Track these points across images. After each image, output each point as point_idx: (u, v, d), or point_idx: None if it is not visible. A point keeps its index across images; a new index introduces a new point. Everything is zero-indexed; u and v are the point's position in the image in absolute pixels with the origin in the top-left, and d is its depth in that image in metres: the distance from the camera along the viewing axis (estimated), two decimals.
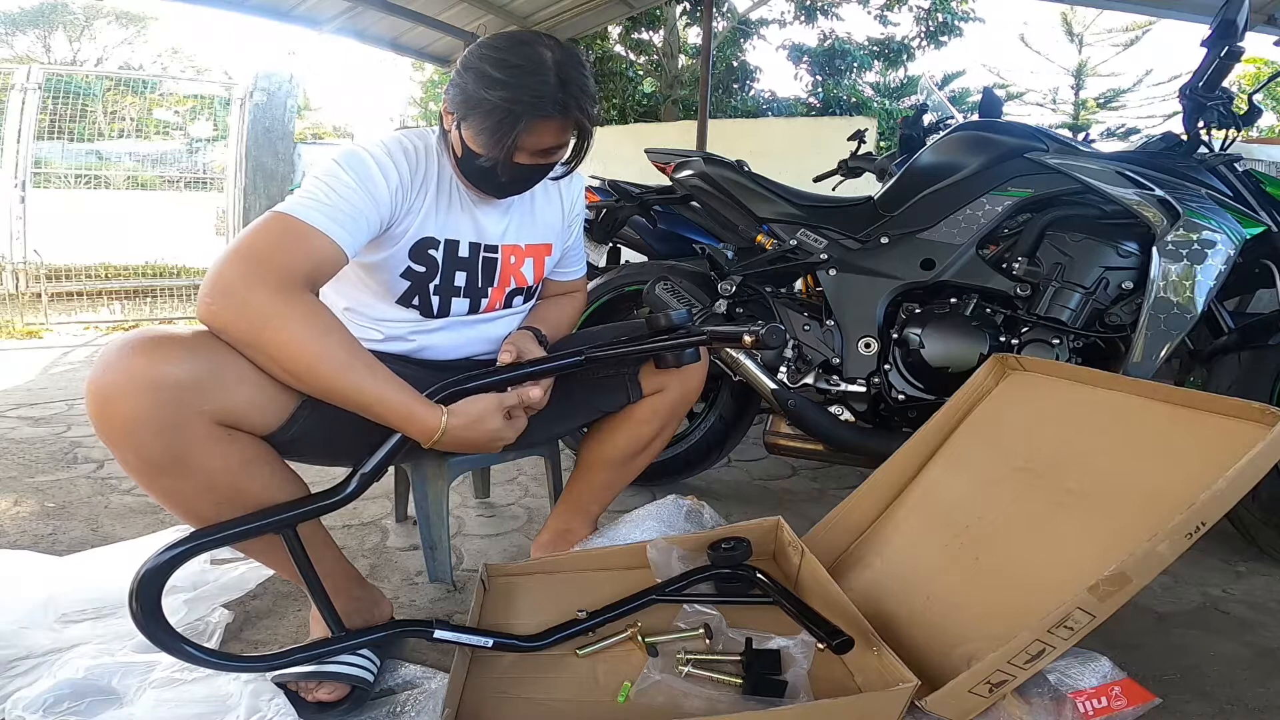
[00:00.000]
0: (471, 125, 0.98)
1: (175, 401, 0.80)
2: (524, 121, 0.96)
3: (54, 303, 4.91)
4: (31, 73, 5.00)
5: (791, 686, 0.87)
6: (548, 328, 1.20)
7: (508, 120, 0.96)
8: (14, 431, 2.22)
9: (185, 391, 0.81)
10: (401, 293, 1.08)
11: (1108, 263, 1.52)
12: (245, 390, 0.86)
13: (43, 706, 0.85)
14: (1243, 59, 1.50)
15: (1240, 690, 1.04)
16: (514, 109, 0.95)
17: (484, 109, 0.96)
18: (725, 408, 1.83)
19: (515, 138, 0.97)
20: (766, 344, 0.99)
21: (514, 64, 0.96)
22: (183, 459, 0.82)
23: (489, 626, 1.04)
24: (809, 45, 11.86)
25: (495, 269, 1.14)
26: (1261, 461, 0.79)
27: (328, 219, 0.91)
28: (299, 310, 0.85)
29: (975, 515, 1.08)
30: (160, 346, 0.81)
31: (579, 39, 6.52)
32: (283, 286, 0.85)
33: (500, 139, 0.97)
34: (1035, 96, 15.84)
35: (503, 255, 1.14)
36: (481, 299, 1.14)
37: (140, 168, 5.85)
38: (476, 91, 0.97)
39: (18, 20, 17.00)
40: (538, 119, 0.97)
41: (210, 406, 0.83)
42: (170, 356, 0.81)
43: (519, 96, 0.95)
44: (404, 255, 1.06)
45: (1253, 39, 3.43)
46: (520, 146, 0.99)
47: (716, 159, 1.86)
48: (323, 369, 0.85)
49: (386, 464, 0.92)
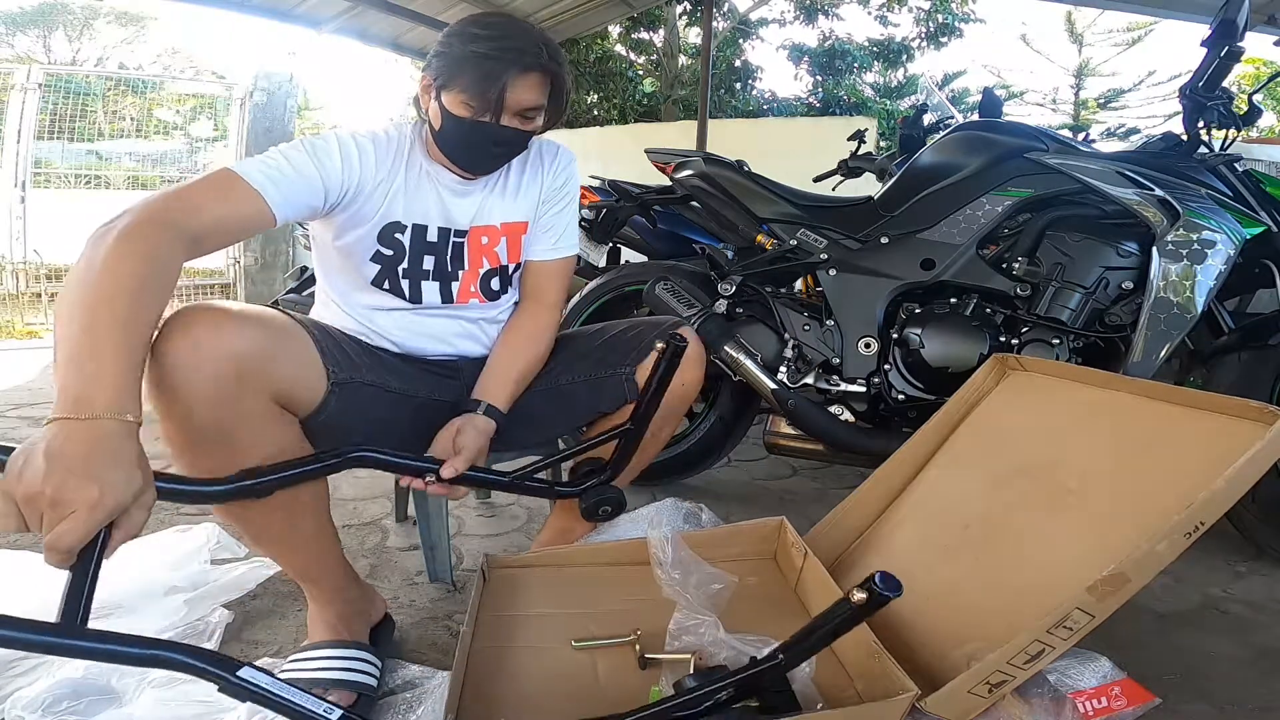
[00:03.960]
0: (456, 85, 1.01)
1: (236, 375, 0.82)
2: (512, 71, 1.00)
3: (54, 303, 4.91)
4: (31, 72, 5.01)
5: (803, 698, 0.85)
6: (514, 385, 1.13)
7: (495, 70, 0.99)
8: (14, 431, 2.22)
9: (247, 365, 0.82)
10: (373, 276, 1.10)
11: (1108, 263, 1.52)
12: (293, 369, 0.90)
13: (42, 706, 0.85)
14: (1243, 59, 1.50)
15: (1240, 690, 1.04)
16: (502, 58, 0.99)
17: (470, 64, 1.00)
18: (725, 408, 1.83)
19: (502, 88, 1.00)
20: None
21: (497, 23, 1.03)
22: (230, 433, 0.83)
23: (488, 618, 1.05)
24: (809, 45, 11.85)
25: (463, 252, 1.14)
26: (1260, 460, 0.79)
27: (264, 176, 0.93)
28: (140, 246, 0.76)
29: (975, 515, 1.08)
30: (225, 319, 0.82)
31: (579, 39, 6.52)
32: (155, 224, 0.79)
33: (487, 91, 1.00)
34: (1035, 96, 15.83)
35: (471, 238, 1.14)
36: (452, 282, 1.14)
37: (140, 168, 5.85)
38: (463, 49, 1.00)
39: (18, 20, 16.99)
40: (522, 71, 1.00)
41: (271, 385, 0.86)
42: (235, 329, 0.82)
43: (506, 48, 0.99)
44: (372, 239, 1.08)
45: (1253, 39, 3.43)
46: (505, 104, 1.01)
47: (716, 159, 1.86)
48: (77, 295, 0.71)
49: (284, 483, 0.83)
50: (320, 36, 4.74)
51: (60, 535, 0.60)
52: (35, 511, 0.61)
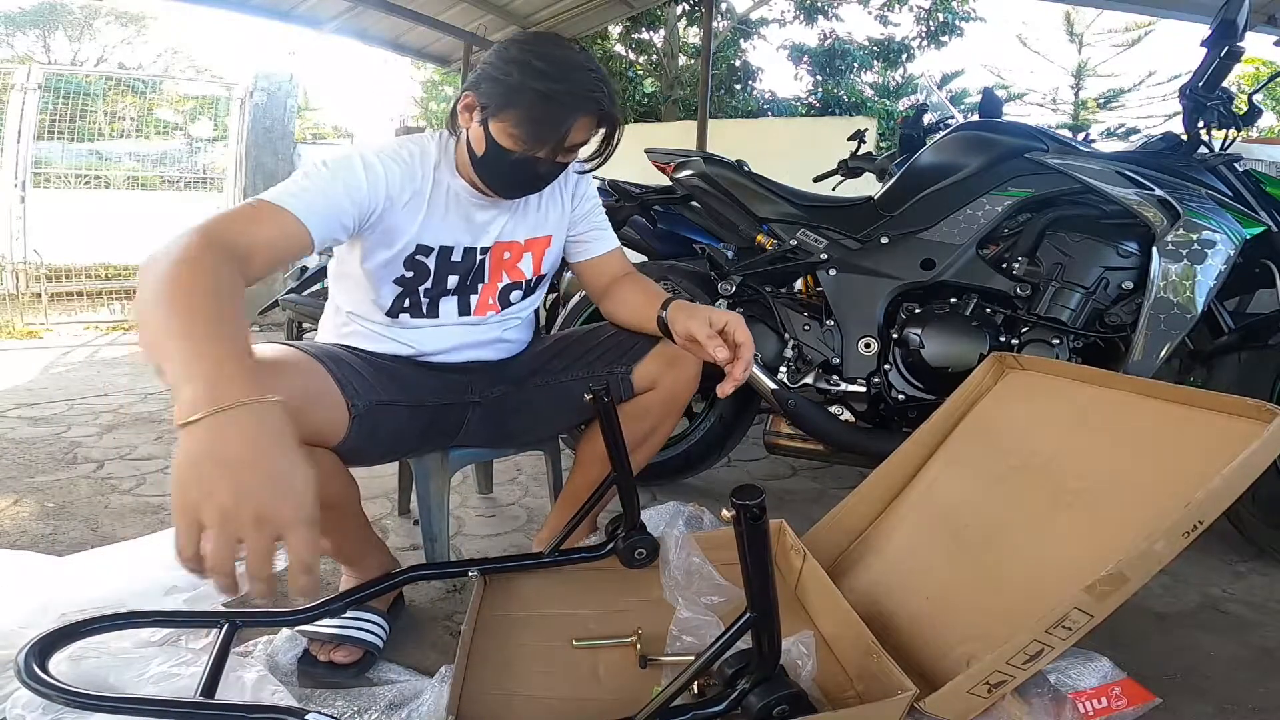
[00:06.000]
0: (508, 117, 0.99)
1: None
2: (575, 117, 0.99)
3: (54, 303, 4.91)
4: (32, 72, 5.00)
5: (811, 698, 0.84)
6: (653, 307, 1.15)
7: (557, 114, 0.98)
8: (14, 431, 2.22)
9: None
10: (394, 296, 1.11)
11: (1108, 263, 1.51)
12: (320, 413, 0.92)
13: (42, 705, 0.85)
14: (1243, 59, 1.50)
15: (1240, 690, 1.04)
16: (565, 102, 0.98)
17: (528, 99, 0.97)
18: (725, 408, 1.83)
19: (567, 130, 0.99)
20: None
21: (559, 59, 0.99)
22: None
23: (488, 618, 1.05)
24: (809, 45, 11.86)
25: (485, 268, 1.15)
26: (1259, 458, 0.79)
27: (294, 200, 0.93)
28: (208, 256, 0.77)
29: (974, 514, 1.08)
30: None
31: (579, 39, 6.52)
32: (211, 240, 0.80)
33: (543, 132, 0.99)
34: (1035, 96, 15.84)
35: (493, 253, 1.15)
36: (471, 296, 1.15)
37: (141, 168, 5.85)
38: (521, 81, 0.97)
39: (18, 20, 16.99)
40: (583, 114, 1.00)
41: (302, 432, 0.85)
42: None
43: (570, 90, 0.98)
44: (399, 263, 1.08)
45: (1253, 39, 3.43)
46: (561, 146, 1.01)
47: (716, 159, 1.86)
48: (183, 287, 0.72)
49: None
50: (320, 36, 4.74)
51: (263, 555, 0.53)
52: (231, 535, 0.55)
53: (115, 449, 2.08)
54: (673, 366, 1.19)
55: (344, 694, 0.95)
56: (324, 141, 13.11)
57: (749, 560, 0.74)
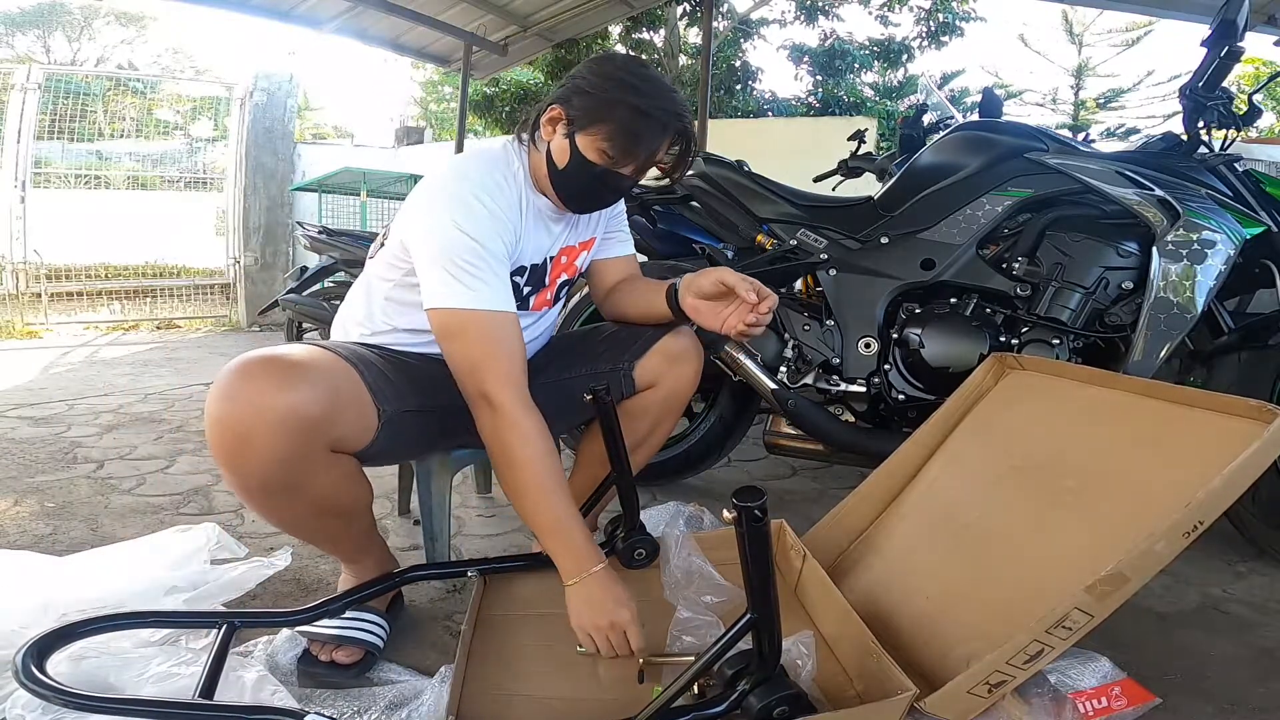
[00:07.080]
0: (599, 131, 1.01)
1: (304, 435, 0.85)
2: (667, 135, 1.02)
3: (54, 303, 4.91)
4: (31, 73, 5.01)
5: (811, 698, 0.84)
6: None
7: (652, 132, 1.01)
8: (14, 431, 2.22)
9: (313, 425, 0.86)
10: None
11: (1108, 263, 1.51)
12: (350, 418, 0.93)
13: (41, 706, 0.85)
14: (1243, 59, 1.50)
15: (1240, 690, 1.04)
16: (661, 120, 1.01)
17: (622, 114, 0.99)
18: (725, 408, 1.83)
19: (658, 146, 1.02)
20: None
21: (653, 79, 1.03)
22: (298, 484, 0.89)
23: (488, 618, 1.06)
24: (809, 45, 11.85)
25: (548, 270, 1.18)
26: (1259, 458, 0.79)
27: (492, 294, 0.98)
28: (536, 426, 0.98)
29: (974, 514, 1.08)
30: (287, 377, 0.85)
31: (579, 39, 6.51)
32: (520, 396, 0.98)
33: (636, 148, 1.01)
34: (1035, 96, 15.84)
35: (557, 259, 1.18)
36: (532, 297, 1.17)
37: (140, 168, 5.85)
38: (617, 96, 0.99)
39: (18, 20, 16.99)
40: (673, 135, 1.03)
41: (331, 437, 0.90)
42: (297, 388, 0.85)
43: (665, 109, 1.01)
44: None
45: (1253, 39, 3.43)
46: (653, 156, 1.04)
47: (716, 159, 1.86)
48: (535, 489, 0.98)
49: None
50: (320, 36, 4.74)
51: (623, 645, 0.95)
52: (604, 637, 0.95)
53: (115, 449, 2.08)
54: (675, 363, 1.19)
55: (344, 694, 0.95)
56: (324, 142, 13.10)
57: (750, 561, 0.76)
